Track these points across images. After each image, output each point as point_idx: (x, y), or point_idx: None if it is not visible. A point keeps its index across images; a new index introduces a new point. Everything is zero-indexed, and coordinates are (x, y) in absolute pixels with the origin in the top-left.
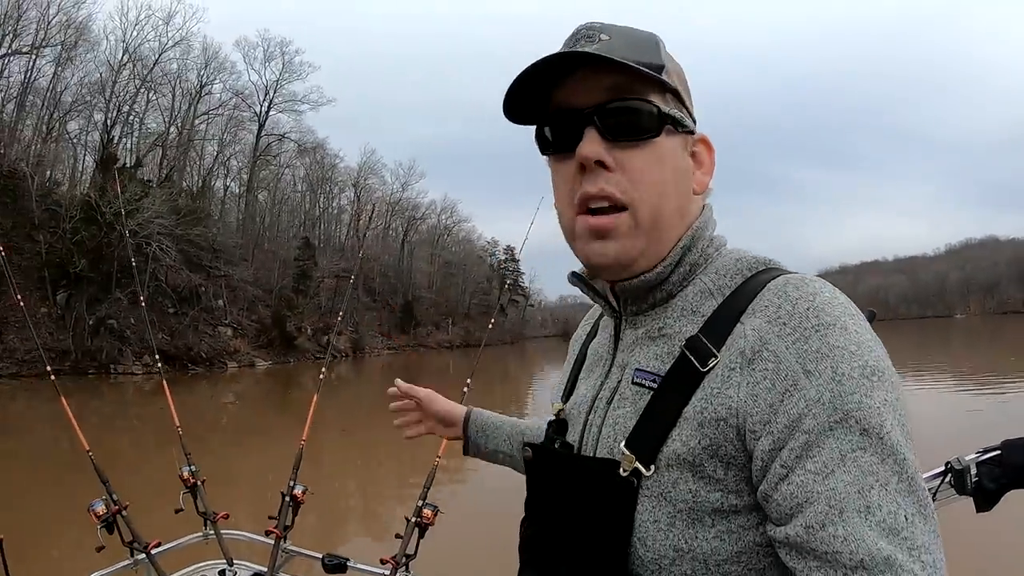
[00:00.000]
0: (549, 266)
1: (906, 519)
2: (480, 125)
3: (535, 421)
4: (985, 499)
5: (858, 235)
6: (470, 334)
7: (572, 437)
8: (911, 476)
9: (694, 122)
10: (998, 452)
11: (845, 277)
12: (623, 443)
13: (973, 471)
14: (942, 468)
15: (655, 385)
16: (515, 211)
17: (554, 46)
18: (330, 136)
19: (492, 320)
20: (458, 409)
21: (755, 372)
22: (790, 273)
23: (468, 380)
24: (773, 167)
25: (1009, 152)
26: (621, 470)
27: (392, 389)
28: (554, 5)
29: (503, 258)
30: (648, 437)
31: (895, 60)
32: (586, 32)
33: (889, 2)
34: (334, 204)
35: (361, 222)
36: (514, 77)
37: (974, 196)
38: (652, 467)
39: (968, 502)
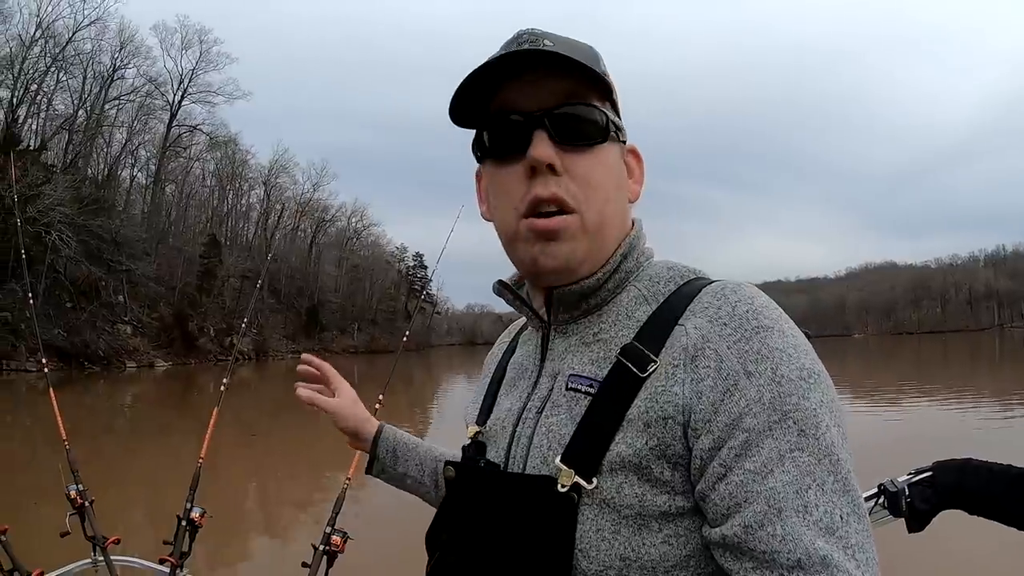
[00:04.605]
0: (459, 274)
1: (841, 518)
2: (393, 134)
3: (451, 451)
4: (917, 520)
5: (762, 255)
6: (376, 340)
7: (496, 454)
8: (845, 476)
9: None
10: (930, 473)
11: None
12: (559, 458)
13: (906, 492)
14: (875, 490)
15: (592, 390)
16: (426, 219)
17: (459, 62)
18: (243, 131)
19: (407, 333)
20: (369, 424)
21: (698, 369)
22: (724, 280)
23: (380, 396)
24: (678, 186)
25: (908, 184)
26: (559, 485)
27: (302, 367)
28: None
29: (412, 264)
30: (589, 446)
31: (801, 92)
32: (529, 37)
33: (791, 42)
34: (243, 201)
35: (270, 221)
36: (464, 76)
37: (874, 223)
38: (595, 479)
39: (899, 523)
